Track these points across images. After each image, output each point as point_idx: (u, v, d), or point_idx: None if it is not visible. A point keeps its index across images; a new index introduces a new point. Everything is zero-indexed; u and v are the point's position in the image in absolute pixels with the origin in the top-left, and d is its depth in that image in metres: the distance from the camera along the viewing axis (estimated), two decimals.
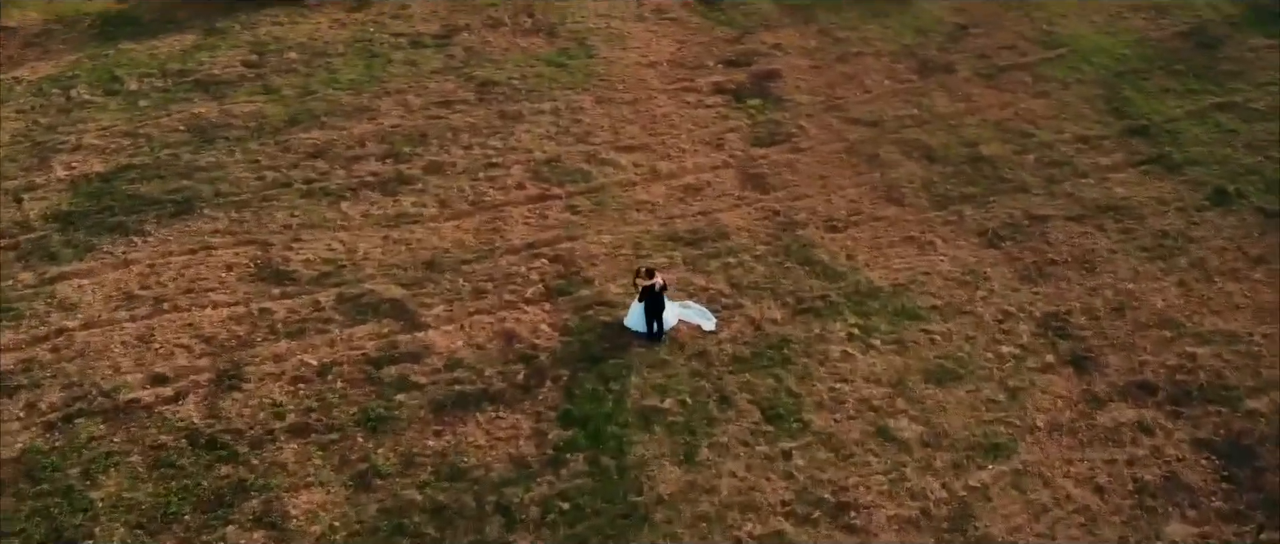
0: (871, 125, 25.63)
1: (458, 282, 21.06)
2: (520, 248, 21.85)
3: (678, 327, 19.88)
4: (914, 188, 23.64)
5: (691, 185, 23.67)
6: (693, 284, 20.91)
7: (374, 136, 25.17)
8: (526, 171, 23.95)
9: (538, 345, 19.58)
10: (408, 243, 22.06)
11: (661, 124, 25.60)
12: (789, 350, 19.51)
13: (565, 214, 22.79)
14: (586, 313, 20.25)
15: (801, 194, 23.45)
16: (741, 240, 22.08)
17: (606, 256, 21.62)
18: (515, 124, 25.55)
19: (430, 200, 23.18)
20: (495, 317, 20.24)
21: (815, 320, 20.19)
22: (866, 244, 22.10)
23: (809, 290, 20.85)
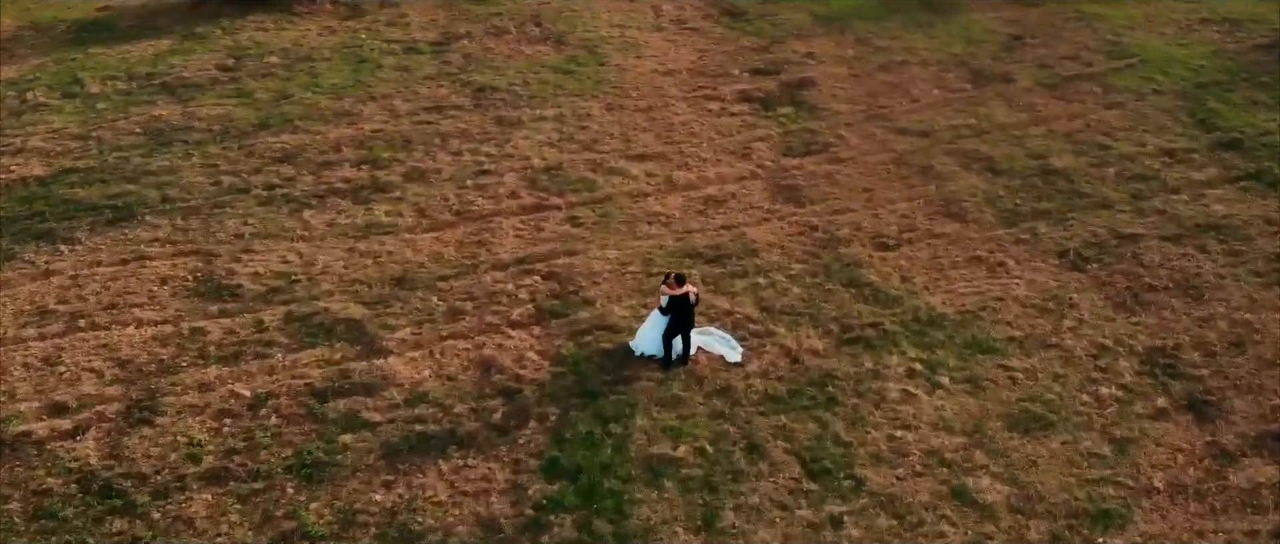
0: (922, 135, 21.26)
1: (430, 300, 16.67)
2: (509, 263, 17.48)
3: (696, 356, 15.37)
4: (976, 202, 19.16)
5: (713, 197, 19.30)
6: (714, 308, 16.44)
7: (351, 142, 21.01)
8: (522, 180, 19.66)
9: (522, 377, 15.11)
10: (376, 256, 17.74)
11: (679, 132, 21.34)
12: (835, 388, 14.93)
13: (564, 226, 18.43)
14: (584, 339, 15.78)
15: (843, 208, 19.02)
16: (773, 258, 17.63)
17: (611, 274, 17.20)
18: (513, 130, 21.34)
19: (407, 209, 18.90)
20: (472, 342, 15.80)
21: (866, 353, 15.62)
22: (924, 265, 17.59)
23: (856, 317, 16.31)
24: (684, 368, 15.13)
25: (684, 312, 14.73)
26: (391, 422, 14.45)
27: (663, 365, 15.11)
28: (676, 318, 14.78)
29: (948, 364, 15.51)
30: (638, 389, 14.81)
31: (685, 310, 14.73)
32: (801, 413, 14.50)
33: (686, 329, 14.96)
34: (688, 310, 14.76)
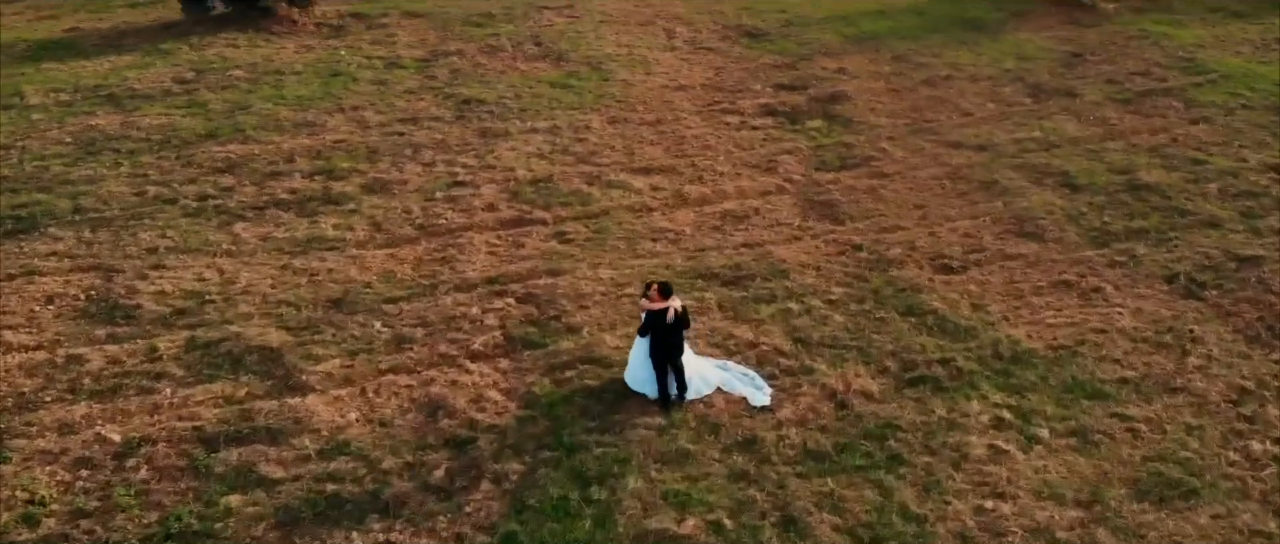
0: (979, 149, 17.00)
1: (372, 326, 12.38)
2: (476, 283, 13.20)
3: (710, 398, 10.96)
4: (1055, 219, 14.79)
5: (732, 212, 15.04)
6: (734, 339, 12.06)
7: (307, 152, 16.95)
8: (502, 192, 15.49)
9: (477, 422, 10.71)
10: (312, 274, 13.51)
11: (691, 146, 17.18)
12: (898, 443, 10.45)
13: (549, 242, 14.18)
14: (563, 374, 11.41)
15: (892, 225, 14.70)
16: (806, 280, 13.28)
17: (603, 297, 12.88)
18: (497, 141, 17.25)
19: (360, 223, 14.72)
20: (418, 377, 11.45)
21: (936, 396, 11.16)
22: (999, 290, 13.18)
23: (919, 351, 11.88)
24: (688, 410, 10.71)
25: (667, 335, 10.43)
26: (296, 479, 10.06)
27: (661, 406, 10.71)
28: (658, 342, 10.48)
29: (1045, 412, 11.02)
30: (631, 440, 10.39)
31: (668, 333, 10.43)
32: (854, 475, 10.01)
33: (676, 357, 10.63)
34: (672, 333, 10.46)
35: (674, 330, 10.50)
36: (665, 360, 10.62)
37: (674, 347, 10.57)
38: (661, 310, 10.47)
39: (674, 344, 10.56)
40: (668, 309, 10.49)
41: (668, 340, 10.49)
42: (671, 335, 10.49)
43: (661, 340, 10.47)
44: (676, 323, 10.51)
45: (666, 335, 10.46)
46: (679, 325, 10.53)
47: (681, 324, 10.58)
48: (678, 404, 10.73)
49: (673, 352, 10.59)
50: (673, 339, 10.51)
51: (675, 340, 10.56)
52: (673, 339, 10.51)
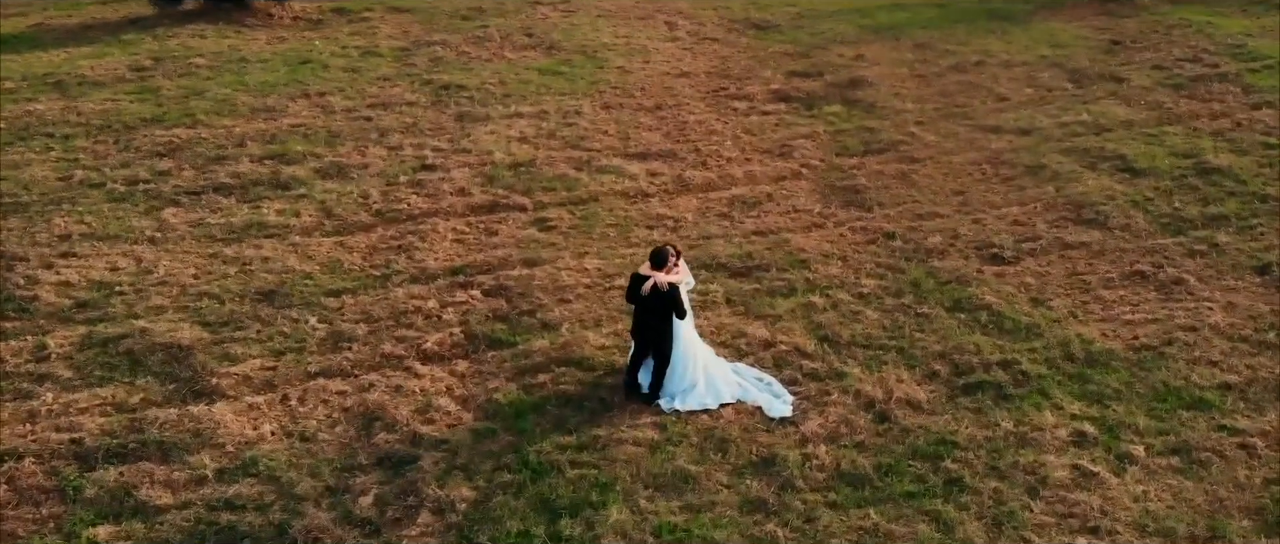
0: (1021, 133, 14.62)
1: (306, 322, 9.98)
2: (436, 273, 10.81)
3: (718, 412, 8.51)
4: (1118, 205, 12.38)
5: (742, 198, 12.66)
6: (746, 337, 9.63)
7: (261, 136, 14.65)
8: (476, 176, 13.14)
9: (421, 437, 8.28)
10: (245, 263, 11.14)
11: (695, 131, 14.84)
12: (957, 463, 7.99)
13: (527, 230, 11.81)
14: (535, 378, 8.98)
15: (929, 212, 12.30)
16: (831, 271, 10.87)
17: (587, 290, 10.48)
18: (476, 125, 14.93)
19: (309, 209, 12.37)
20: (354, 382, 9.03)
21: (1000, 406, 8.71)
22: (1061, 283, 10.75)
23: (973, 351, 9.44)
24: (687, 422, 8.27)
25: (647, 313, 8.11)
26: (184, 507, 7.63)
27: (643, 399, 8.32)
28: (643, 322, 8.16)
29: (1136, 425, 8.55)
30: (616, 459, 7.94)
31: (648, 311, 8.11)
32: (904, 506, 7.55)
33: (661, 345, 8.28)
34: (651, 313, 8.13)
35: (653, 310, 8.14)
36: (645, 343, 8.27)
37: (654, 332, 8.21)
38: (644, 278, 8.11)
39: (655, 329, 8.20)
40: (664, 280, 8.13)
41: (647, 320, 8.14)
42: (650, 315, 8.14)
43: (640, 317, 8.15)
44: (658, 301, 8.14)
45: (646, 313, 8.12)
46: (661, 306, 8.15)
47: (664, 303, 8.18)
48: (650, 396, 8.37)
49: (655, 338, 8.22)
50: (652, 320, 8.16)
51: (657, 325, 8.19)
52: (652, 320, 8.16)
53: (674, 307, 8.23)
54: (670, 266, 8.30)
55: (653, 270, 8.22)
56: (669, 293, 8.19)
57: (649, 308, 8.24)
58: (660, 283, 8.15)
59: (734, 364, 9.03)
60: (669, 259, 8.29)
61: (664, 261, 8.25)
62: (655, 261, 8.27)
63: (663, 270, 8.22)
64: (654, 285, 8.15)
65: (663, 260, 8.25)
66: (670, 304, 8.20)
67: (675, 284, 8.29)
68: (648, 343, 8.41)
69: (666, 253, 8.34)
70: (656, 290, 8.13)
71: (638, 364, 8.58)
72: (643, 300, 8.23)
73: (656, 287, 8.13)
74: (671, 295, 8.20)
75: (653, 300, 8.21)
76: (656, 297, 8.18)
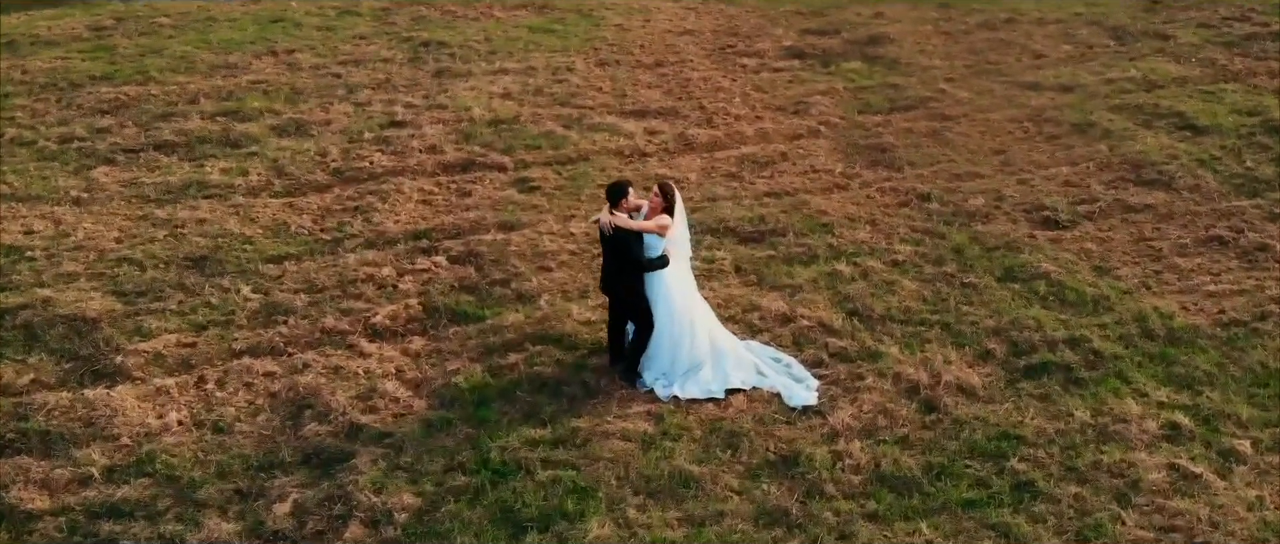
0: (1064, 90, 12.87)
1: (237, 292, 8.28)
2: (396, 238, 9.11)
3: (726, 400, 6.79)
4: (1182, 165, 10.63)
5: (753, 157, 10.95)
6: (759, 310, 7.92)
7: (217, 93, 12.95)
8: (450, 132, 11.43)
9: (361, 428, 6.58)
10: (178, 226, 9.45)
11: (699, 88, 13.11)
12: (1025, 462, 6.27)
13: (505, 191, 10.10)
14: (504, 359, 7.28)
15: (968, 172, 10.57)
16: (859, 235, 9.14)
17: (572, 257, 8.77)
18: (455, 82, 13.21)
19: (258, 167, 10.67)
20: (286, 361, 7.34)
21: (1071, 392, 6.99)
22: (1127, 249, 9.02)
23: (1033, 328, 7.71)
24: (688, 411, 6.57)
25: (619, 265, 6.50)
26: (61, 512, 5.98)
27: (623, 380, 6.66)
28: (610, 277, 6.59)
29: (1237, 414, 6.85)
30: (599, 457, 6.24)
31: (617, 259, 6.49)
32: (963, 517, 5.85)
33: (636, 311, 6.64)
34: (631, 264, 6.50)
35: (615, 259, 6.53)
36: (617, 307, 6.66)
37: (622, 290, 6.59)
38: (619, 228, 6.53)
39: (624, 286, 6.58)
40: (608, 222, 6.57)
41: (613, 275, 6.54)
42: (616, 268, 6.54)
43: (606, 269, 6.54)
44: (618, 249, 6.52)
45: (610, 264, 6.53)
46: (623, 255, 6.52)
47: (617, 252, 6.55)
48: (628, 377, 6.75)
49: (626, 299, 6.61)
50: (618, 274, 6.55)
51: (625, 280, 6.56)
52: (618, 274, 6.55)
53: (629, 257, 6.56)
54: (628, 205, 6.65)
55: (610, 209, 6.60)
56: (620, 239, 6.53)
57: (610, 256, 6.61)
58: (604, 224, 6.52)
59: (746, 341, 7.33)
60: (624, 196, 6.64)
61: (619, 197, 6.60)
62: (610, 197, 6.65)
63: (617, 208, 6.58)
64: (608, 224, 6.52)
65: (617, 195, 6.60)
66: (627, 253, 6.54)
67: (633, 230, 6.63)
68: (621, 306, 6.77)
69: (622, 187, 6.69)
70: (617, 234, 6.50)
71: (616, 335, 6.93)
72: (605, 248, 6.61)
73: (608, 225, 6.51)
74: (622, 241, 6.52)
75: (614, 248, 6.57)
76: (616, 242, 6.54)
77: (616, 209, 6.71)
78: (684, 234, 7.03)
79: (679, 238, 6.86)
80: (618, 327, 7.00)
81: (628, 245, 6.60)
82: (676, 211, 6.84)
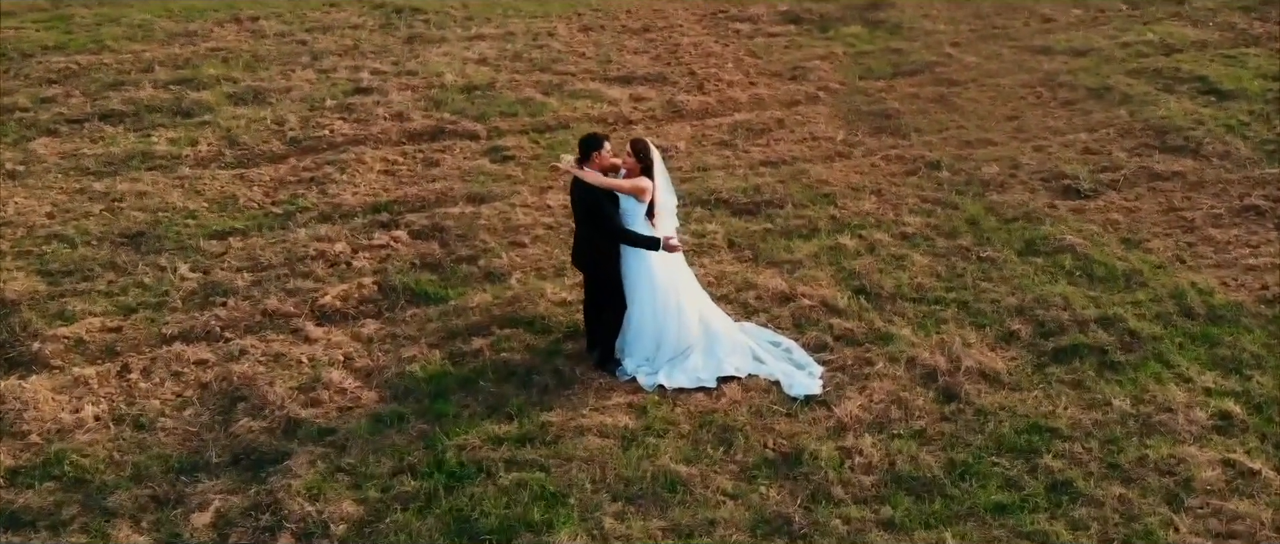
0: (1077, 54, 11.97)
1: (175, 271, 7.38)
2: (353, 211, 8.19)
3: (718, 390, 5.92)
4: (1209, 131, 9.76)
5: (747, 124, 10.05)
6: (755, 289, 7.04)
7: (173, 61, 11.98)
8: (419, 99, 10.50)
9: (300, 423, 5.69)
10: (116, 200, 8.53)
11: (689, 53, 12.18)
12: (1060, 459, 5.41)
13: (477, 161, 9.19)
14: (467, 344, 6.39)
15: (980, 139, 9.69)
16: (863, 206, 8.26)
17: (548, 231, 7.87)
18: (428, 48, 12.26)
19: (209, 137, 9.73)
20: (222, 348, 6.43)
21: (1107, 378, 6.13)
22: (1156, 220, 8.16)
23: (1060, 305, 6.85)
24: (675, 403, 5.72)
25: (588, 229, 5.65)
26: None
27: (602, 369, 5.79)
28: (580, 243, 5.73)
29: None
30: (572, 457, 5.37)
31: (585, 223, 5.66)
32: (992, 523, 4.99)
33: (609, 283, 5.81)
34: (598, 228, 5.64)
35: (584, 223, 5.70)
36: (589, 280, 5.85)
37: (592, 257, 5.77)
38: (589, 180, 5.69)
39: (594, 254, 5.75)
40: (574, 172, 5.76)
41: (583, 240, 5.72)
42: (585, 232, 5.72)
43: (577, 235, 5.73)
44: (585, 210, 5.70)
45: (580, 229, 5.71)
46: (589, 218, 5.69)
47: (589, 217, 5.72)
48: (605, 367, 5.90)
49: (596, 269, 5.79)
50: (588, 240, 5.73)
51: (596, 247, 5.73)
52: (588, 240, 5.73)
53: (602, 223, 5.69)
54: (602, 161, 5.78)
55: (579, 164, 5.74)
56: (590, 201, 5.67)
57: (582, 223, 5.76)
58: (564, 166, 5.68)
59: (741, 323, 6.46)
60: (598, 149, 5.76)
61: (591, 150, 5.73)
62: (582, 149, 5.78)
63: (589, 164, 5.72)
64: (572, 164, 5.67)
65: (589, 148, 5.73)
66: (599, 220, 5.68)
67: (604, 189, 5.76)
68: (596, 283, 5.92)
69: (596, 139, 5.83)
70: (579, 192, 5.64)
71: (593, 317, 6.07)
72: (576, 213, 5.76)
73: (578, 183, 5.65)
74: (592, 203, 5.66)
75: (585, 212, 5.71)
76: (586, 205, 5.68)
77: (588, 165, 5.82)
78: (669, 201, 6.15)
79: (661, 204, 5.99)
80: (595, 307, 6.13)
81: (598, 207, 5.72)
82: (656, 172, 5.95)
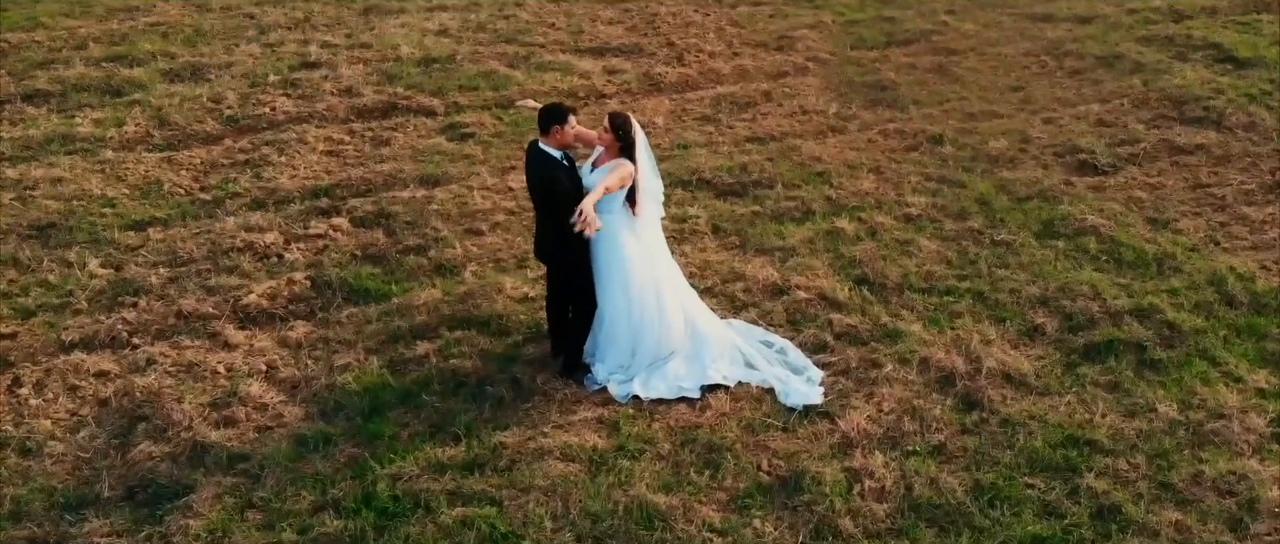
0: (1082, 21, 11.11)
1: (82, 266, 6.40)
2: (290, 196, 7.22)
3: (703, 400, 5.02)
4: (1232, 100, 8.93)
5: (732, 97, 9.13)
6: (743, 280, 6.14)
7: (109, 37, 10.91)
8: (371, 73, 9.51)
9: (207, 447, 4.75)
10: (28, 188, 7.52)
11: (667, 23, 11.23)
12: (1102, 477, 4.57)
13: (432, 139, 8.22)
14: (411, 349, 5.46)
15: (984, 110, 8.82)
16: (861, 185, 7.37)
17: (509, 219, 6.94)
18: (385, 20, 11.25)
19: (138, 117, 8.71)
20: (127, 358, 5.48)
21: (1147, 379, 5.28)
22: (1183, 197, 7.32)
23: (1088, 295, 5.99)
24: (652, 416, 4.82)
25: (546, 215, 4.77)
26: None
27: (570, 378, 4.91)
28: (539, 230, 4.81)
29: None
30: (531, 485, 4.47)
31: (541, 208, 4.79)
32: None
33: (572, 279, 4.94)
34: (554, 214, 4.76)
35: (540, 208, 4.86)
36: (551, 275, 4.96)
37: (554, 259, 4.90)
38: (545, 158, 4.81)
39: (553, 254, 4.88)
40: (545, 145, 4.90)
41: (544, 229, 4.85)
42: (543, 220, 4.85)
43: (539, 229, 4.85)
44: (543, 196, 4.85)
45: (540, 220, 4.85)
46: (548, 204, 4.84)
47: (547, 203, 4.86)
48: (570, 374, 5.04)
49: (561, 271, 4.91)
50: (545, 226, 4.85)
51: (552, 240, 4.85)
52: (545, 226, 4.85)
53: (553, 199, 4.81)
54: (562, 135, 4.88)
55: (542, 134, 4.85)
56: (546, 181, 4.78)
57: (538, 205, 4.88)
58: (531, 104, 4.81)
59: (729, 321, 5.58)
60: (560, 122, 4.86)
61: (553, 123, 4.82)
62: (542, 124, 4.88)
63: (550, 139, 4.82)
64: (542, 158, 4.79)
65: (550, 121, 4.83)
66: (558, 206, 4.79)
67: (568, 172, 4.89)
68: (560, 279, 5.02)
69: (558, 112, 4.92)
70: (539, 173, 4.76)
71: (557, 317, 5.19)
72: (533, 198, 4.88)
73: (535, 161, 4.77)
74: (548, 186, 4.77)
75: (542, 198, 4.83)
76: (543, 189, 4.79)
77: (548, 140, 4.92)
78: (654, 185, 5.24)
79: (645, 189, 5.08)
80: (559, 305, 5.23)
81: (555, 184, 4.82)
82: (639, 151, 5.04)
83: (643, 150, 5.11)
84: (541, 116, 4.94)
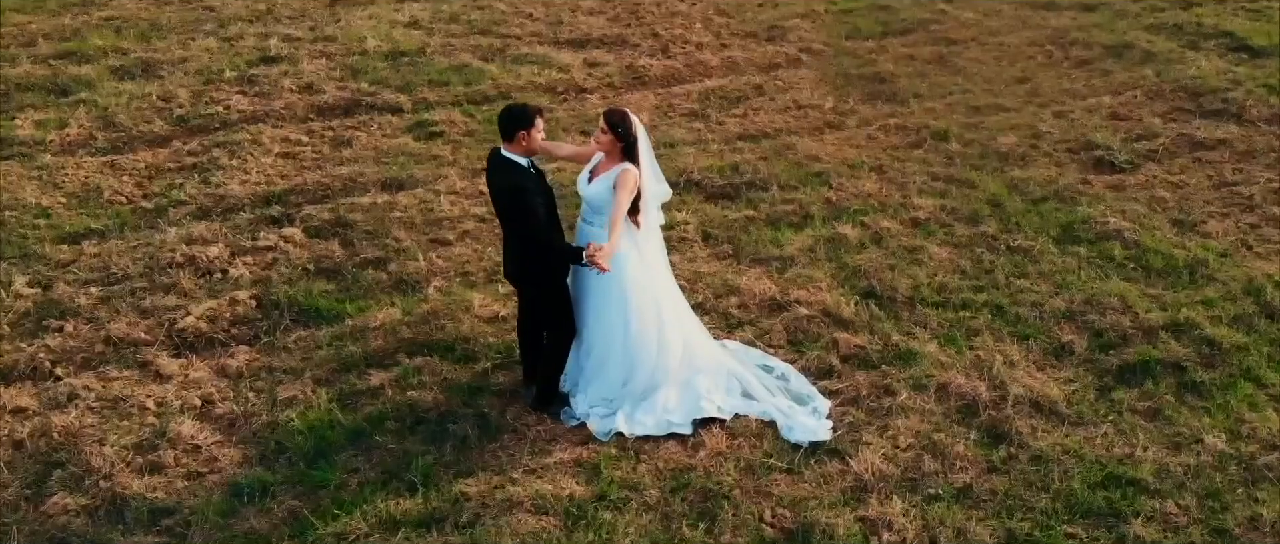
0: (1087, 9, 10.52)
1: (9, 285, 5.72)
2: (240, 204, 6.55)
3: (695, 437, 4.39)
4: (1251, 92, 8.36)
5: (721, 91, 8.50)
6: (737, 294, 5.52)
7: (60, 33, 10.18)
8: (334, 68, 8.83)
9: (125, 499, 4.11)
10: None
11: (651, 13, 10.58)
12: (1148, 522, 3.97)
13: (398, 138, 7.56)
14: (364, 379, 4.82)
15: (990, 104, 8.23)
16: (864, 187, 6.76)
17: (480, 227, 6.29)
18: (352, 11, 10.55)
19: (82, 118, 8.01)
20: (47, 392, 4.81)
21: (1190, 405, 4.69)
22: (1208, 197, 6.74)
23: (1118, 308, 5.40)
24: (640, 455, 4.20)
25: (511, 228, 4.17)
26: None
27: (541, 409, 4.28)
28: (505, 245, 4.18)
29: None
30: (498, 539, 3.82)
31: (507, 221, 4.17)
32: None
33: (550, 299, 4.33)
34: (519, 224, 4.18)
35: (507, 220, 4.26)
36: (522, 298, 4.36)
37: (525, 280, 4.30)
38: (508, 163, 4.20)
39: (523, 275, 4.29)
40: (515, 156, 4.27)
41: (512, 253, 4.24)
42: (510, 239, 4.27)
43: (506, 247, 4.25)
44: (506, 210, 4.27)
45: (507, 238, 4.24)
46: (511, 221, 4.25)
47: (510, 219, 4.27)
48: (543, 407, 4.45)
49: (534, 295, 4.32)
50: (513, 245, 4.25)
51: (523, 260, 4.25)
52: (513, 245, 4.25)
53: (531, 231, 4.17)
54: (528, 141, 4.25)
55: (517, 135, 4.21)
56: (511, 191, 4.16)
57: (504, 219, 4.27)
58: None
59: (724, 342, 4.96)
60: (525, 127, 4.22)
61: (517, 128, 4.19)
62: (503, 128, 4.24)
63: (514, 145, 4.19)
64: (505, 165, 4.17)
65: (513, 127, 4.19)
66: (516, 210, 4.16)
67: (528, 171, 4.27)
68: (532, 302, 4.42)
69: (522, 115, 4.26)
70: (502, 183, 4.14)
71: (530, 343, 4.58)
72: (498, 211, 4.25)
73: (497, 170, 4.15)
74: (513, 185, 4.15)
75: (506, 213, 4.22)
76: (506, 202, 4.17)
77: (512, 147, 4.28)
78: (658, 189, 4.58)
79: (649, 194, 4.43)
80: (533, 328, 4.60)
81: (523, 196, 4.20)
82: (641, 152, 4.39)
83: (645, 150, 4.45)
84: (504, 120, 4.27)
